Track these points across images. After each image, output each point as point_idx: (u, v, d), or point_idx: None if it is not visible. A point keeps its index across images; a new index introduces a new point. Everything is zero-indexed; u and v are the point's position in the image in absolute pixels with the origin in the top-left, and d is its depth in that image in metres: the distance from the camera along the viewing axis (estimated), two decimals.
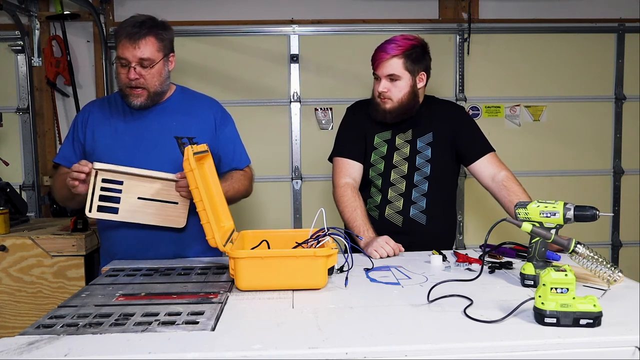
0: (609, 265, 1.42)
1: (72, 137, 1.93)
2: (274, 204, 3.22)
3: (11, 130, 3.12)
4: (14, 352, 1.03)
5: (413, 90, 2.01)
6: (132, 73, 1.77)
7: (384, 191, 2.07)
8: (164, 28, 1.83)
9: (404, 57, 1.97)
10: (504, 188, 1.97)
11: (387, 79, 1.99)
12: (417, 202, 2.05)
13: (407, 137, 2.07)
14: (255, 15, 3.14)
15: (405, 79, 1.98)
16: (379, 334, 1.11)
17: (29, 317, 2.41)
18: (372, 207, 2.10)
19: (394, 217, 2.06)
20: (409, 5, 3.19)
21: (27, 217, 2.85)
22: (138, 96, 1.81)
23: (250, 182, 2.03)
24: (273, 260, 1.41)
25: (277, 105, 3.19)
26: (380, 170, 2.07)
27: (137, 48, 1.75)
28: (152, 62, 1.79)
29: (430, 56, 2.06)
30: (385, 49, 1.99)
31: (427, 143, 2.06)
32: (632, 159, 3.32)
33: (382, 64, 1.99)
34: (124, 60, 1.77)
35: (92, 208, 1.71)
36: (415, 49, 1.99)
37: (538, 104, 3.27)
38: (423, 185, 2.05)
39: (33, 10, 3.06)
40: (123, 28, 1.78)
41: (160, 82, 1.84)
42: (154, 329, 1.14)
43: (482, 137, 2.09)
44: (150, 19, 1.82)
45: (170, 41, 1.86)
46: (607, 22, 3.24)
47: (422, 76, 2.03)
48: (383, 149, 2.07)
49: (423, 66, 2.02)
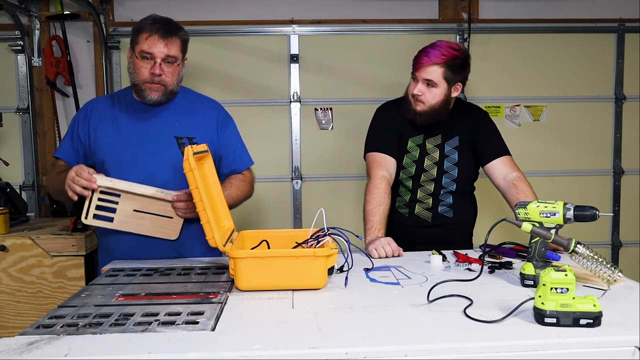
0: (609, 265, 1.42)
1: (72, 134, 1.93)
2: (274, 204, 3.21)
3: (11, 130, 3.12)
4: (14, 352, 1.03)
5: (446, 99, 2.03)
6: (157, 68, 1.79)
7: (413, 191, 2.14)
8: (183, 30, 1.87)
9: (445, 66, 1.98)
10: (513, 187, 2.00)
11: (424, 83, 2.01)
12: (445, 199, 2.14)
13: (436, 141, 2.11)
14: (255, 15, 3.14)
15: (441, 87, 2.00)
16: (379, 334, 1.11)
17: (29, 317, 2.41)
18: (402, 205, 2.18)
19: (423, 213, 2.16)
20: (409, 5, 3.19)
21: (27, 217, 2.85)
22: (156, 90, 1.83)
23: (251, 186, 2.02)
24: (273, 260, 1.41)
25: (277, 105, 3.19)
26: (411, 174, 2.13)
27: (167, 45, 1.78)
28: (176, 60, 1.83)
29: (470, 68, 2.07)
30: (428, 54, 1.99)
31: (454, 147, 2.11)
32: (632, 159, 3.32)
33: (423, 68, 2.00)
34: (149, 54, 1.78)
35: (88, 216, 1.73)
36: (458, 59, 2.00)
37: (538, 104, 3.27)
38: (451, 187, 2.13)
39: (33, 10, 3.06)
40: (151, 24, 1.79)
41: (178, 81, 1.88)
42: (154, 329, 1.14)
43: (500, 140, 2.14)
44: (169, 19, 1.86)
45: (187, 43, 1.90)
46: (607, 22, 3.24)
47: (458, 87, 2.05)
48: (415, 154, 2.12)
49: (461, 77, 2.04)
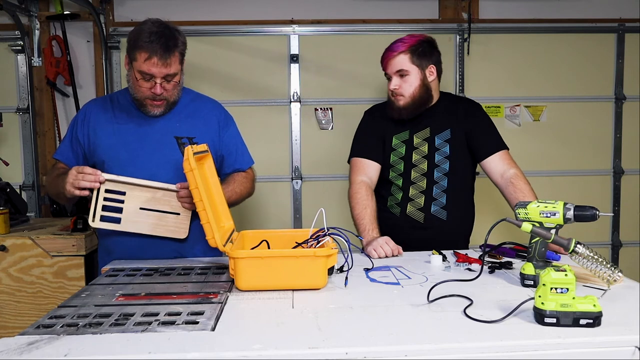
0: (609, 265, 1.42)
1: (71, 135, 1.93)
2: (274, 204, 3.21)
3: (11, 130, 3.12)
4: (14, 352, 1.03)
5: (424, 84, 2.04)
6: (158, 88, 1.76)
7: (405, 189, 2.11)
8: (181, 36, 1.80)
9: (409, 52, 2.01)
10: (511, 185, 1.99)
11: (397, 76, 2.03)
12: (438, 198, 2.09)
13: (425, 135, 2.09)
14: (255, 15, 3.14)
15: (414, 73, 2.02)
16: (379, 334, 1.11)
17: (29, 317, 2.41)
18: (394, 205, 2.14)
19: (416, 213, 2.10)
20: (409, 5, 3.19)
21: (27, 217, 2.85)
22: (158, 107, 1.82)
23: (253, 184, 2.04)
24: (273, 260, 1.41)
25: (277, 105, 3.19)
26: (400, 171, 2.11)
27: (166, 65, 1.73)
28: (176, 74, 1.80)
29: (439, 51, 2.09)
30: (391, 48, 2.05)
31: (445, 140, 2.09)
32: (632, 159, 3.32)
33: (390, 62, 2.04)
34: (149, 75, 1.75)
35: (95, 218, 1.72)
36: (422, 44, 2.03)
37: (538, 104, 3.27)
38: (443, 182, 2.09)
39: (33, 10, 3.06)
40: (148, 42, 1.71)
41: (179, 91, 1.87)
42: (154, 329, 1.14)
43: (496, 134, 2.12)
44: (166, 28, 1.76)
45: (185, 50, 1.83)
46: (607, 22, 3.23)
47: (432, 69, 2.05)
48: (402, 150, 2.10)
49: (432, 60, 2.05)
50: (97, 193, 1.71)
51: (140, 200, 1.76)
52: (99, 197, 1.71)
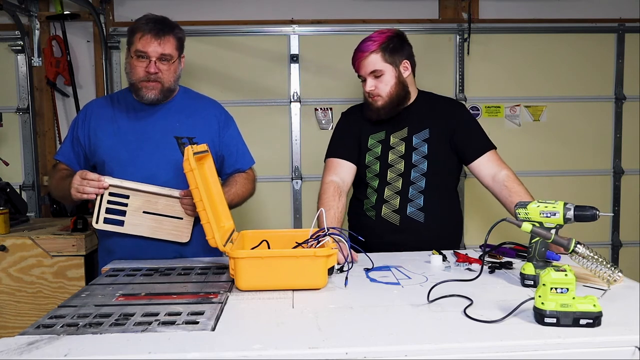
0: (609, 265, 1.42)
1: (72, 136, 1.93)
2: (274, 204, 3.21)
3: (11, 130, 3.12)
4: (14, 352, 1.03)
5: (400, 81, 1.98)
6: (152, 67, 1.80)
7: (379, 190, 2.04)
8: (179, 28, 1.88)
9: (381, 50, 1.95)
10: (505, 188, 1.92)
11: (372, 77, 1.98)
12: (414, 199, 2.00)
13: (402, 134, 2.04)
14: (255, 15, 3.14)
15: (388, 71, 1.96)
16: (379, 334, 1.11)
17: (29, 317, 2.41)
18: (369, 207, 2.07)
19: (391, 216, 2.02)
20: (409, 5, 3.19)
21: (27, 217, 2.85)
22: (152, 89, 1.83)
23: (254, 184, 2.04)
24: (273, 260, 1.41)
25: (277, 105, 3.19)
26: (376, 171, 2.05)
27: (160, 44, 1.80)
28: (171, 58, 1.83)
29: (410, 44, 2.03)
30: (361, 48, 1.99)
31: (423, 139, 2.02)
32: (632, 159, 3.32)
33: (362, 63, 1.99)
34: (144, 53, 1.79)
35: (99, 220, 1.74)
36: (392, 40, 1.97)
37: (538, 104, 3.27)
38: (420, 182, 2.01)
39: (33, 10, 3.06)
40: (144, 24, 1.81)
41: (175, 79, 1.89)
42: (154, 329, 1.14)
43: (482, 134, 2.05)
44: (164, 17, 1.87)
45: (183, 42, 1.91)
46: (607, 22, 3.23)
47: (406, 64, 2.00)
48: (377, 150, 2.05)
49: (404, 55, 1.99)
50: (101, 196, 1.73)
51: (144, 205, 1.77)
52: (103, 200, 1.73)
